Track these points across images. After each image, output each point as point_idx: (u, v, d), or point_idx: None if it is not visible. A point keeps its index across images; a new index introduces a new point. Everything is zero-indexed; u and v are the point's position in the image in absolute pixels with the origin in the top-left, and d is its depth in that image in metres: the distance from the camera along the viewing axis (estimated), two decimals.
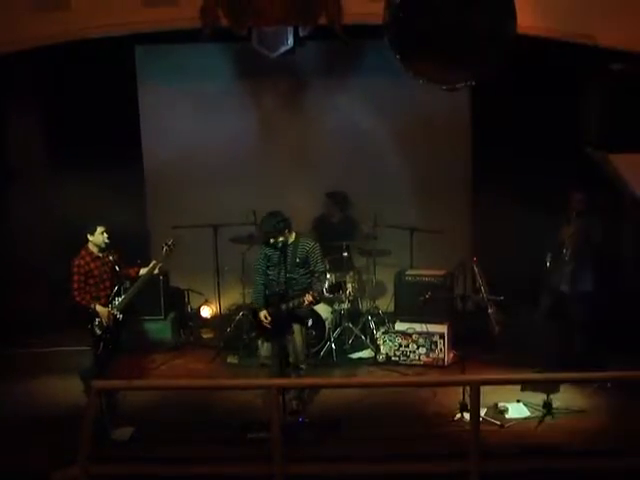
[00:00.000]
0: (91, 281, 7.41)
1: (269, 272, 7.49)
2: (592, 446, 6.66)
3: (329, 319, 9.00)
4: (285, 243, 7.31)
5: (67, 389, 7.95)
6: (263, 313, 7.40)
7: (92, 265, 7.42)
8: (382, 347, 8.81)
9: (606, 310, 8.46)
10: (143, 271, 7.65)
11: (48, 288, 9.31)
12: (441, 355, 8.63)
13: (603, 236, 7.83)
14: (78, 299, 7.34)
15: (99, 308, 7.36)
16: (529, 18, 7.25)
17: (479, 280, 8.35)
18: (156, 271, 7.79)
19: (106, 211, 8.15)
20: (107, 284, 7.50)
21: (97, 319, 7.35)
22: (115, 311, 7.42)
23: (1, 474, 6.31)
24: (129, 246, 8.24)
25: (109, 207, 8.29)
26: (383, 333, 8.86)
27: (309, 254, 7.45)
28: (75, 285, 7.34)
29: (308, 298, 7.35)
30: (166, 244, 7.73)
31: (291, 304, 7.28)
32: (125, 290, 7.59)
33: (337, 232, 9.57)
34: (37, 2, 7.77)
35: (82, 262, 7.39)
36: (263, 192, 9.67)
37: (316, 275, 7.52)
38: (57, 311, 9.16)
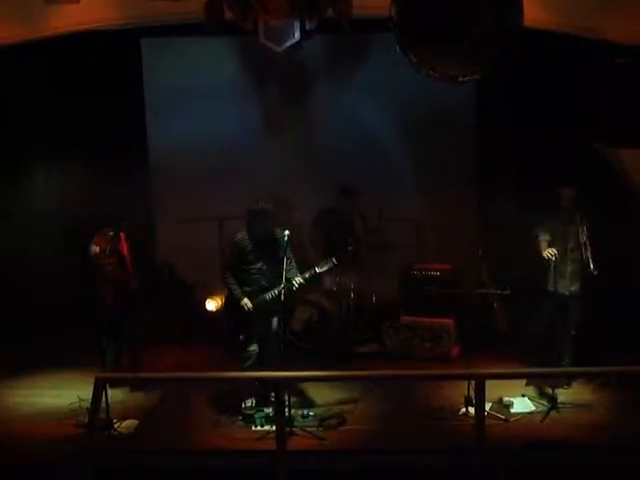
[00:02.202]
0: None
1: (245, 266, 7.26)
2: (597, 440, 6.66)
3: (334, 312, 9.00)
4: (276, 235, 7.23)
5: (70, 382, 8.02)
6: (245, 301, 7.21)
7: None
8: (387, 341, 8.81)
9: (612, 309, 8.43)
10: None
11: (51, 281, 9.31)
12: (446, 349, 8.62)
13: (596, 234, 7.53)
14: None
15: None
16: (536, 12, 7.22)
17: (485, 274, 8.36)
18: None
19: (111, 204, 8.18)
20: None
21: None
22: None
23: (5, 467, 6.33)
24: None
25: (114, 200, 8.30)
26: (388, 327, 8.86)
27: (288, 244, 7.24)
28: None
29: (299, 280, 7.22)
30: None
31: (283, 288, 7.08)
32: None
33: (344, 226, 9.56)
34: None
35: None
36: (269, 185, 9.65)
37: (288, 261, 7.20)
38: (60, 304, 9.18)
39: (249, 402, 7.25)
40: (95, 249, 7.62)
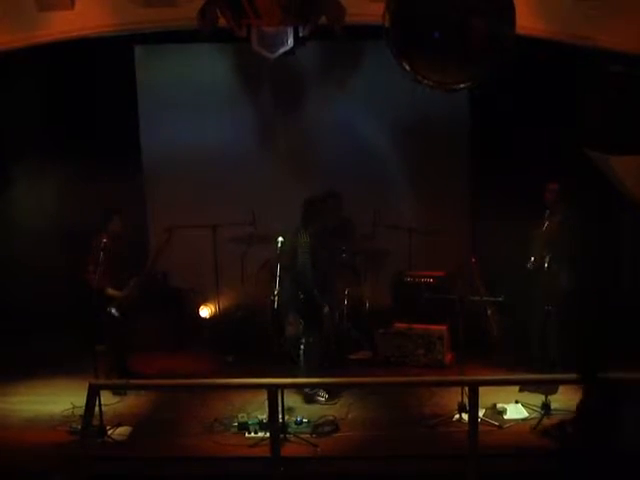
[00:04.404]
0: None
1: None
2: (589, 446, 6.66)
3: (328, 319, 8.98)
4: None
5: (63, 388, 8.01)
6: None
7: None
8: (380, 347, 8.81)
9: (601, 310, 8.45)
10: None
11: (47, 285, 9.29)
12: (440, 356, 8.63)
13: (584, 231, 7.66)
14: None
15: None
16: (529, 20, 7.26)
17: (478, 281, 8.35)
18: None
19: (105, 210, 8.17)
20: None
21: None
22: None
23: (2, 473, 6.32)
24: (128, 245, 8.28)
25: (108, 206, 8.29)
26: (382, 333, 8.86)
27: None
28: None
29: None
30: None
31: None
32: None
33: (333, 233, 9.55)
34: (41, 2, 7.80)
35: None
36: (262, 192, 9.68)
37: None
38: (57, 309, 9.16)
39: None
40: (104, 240, 7.66)
